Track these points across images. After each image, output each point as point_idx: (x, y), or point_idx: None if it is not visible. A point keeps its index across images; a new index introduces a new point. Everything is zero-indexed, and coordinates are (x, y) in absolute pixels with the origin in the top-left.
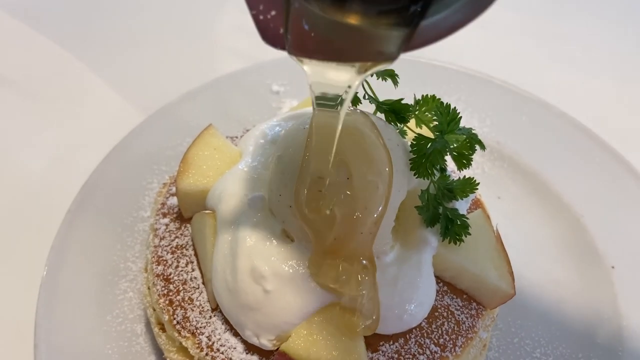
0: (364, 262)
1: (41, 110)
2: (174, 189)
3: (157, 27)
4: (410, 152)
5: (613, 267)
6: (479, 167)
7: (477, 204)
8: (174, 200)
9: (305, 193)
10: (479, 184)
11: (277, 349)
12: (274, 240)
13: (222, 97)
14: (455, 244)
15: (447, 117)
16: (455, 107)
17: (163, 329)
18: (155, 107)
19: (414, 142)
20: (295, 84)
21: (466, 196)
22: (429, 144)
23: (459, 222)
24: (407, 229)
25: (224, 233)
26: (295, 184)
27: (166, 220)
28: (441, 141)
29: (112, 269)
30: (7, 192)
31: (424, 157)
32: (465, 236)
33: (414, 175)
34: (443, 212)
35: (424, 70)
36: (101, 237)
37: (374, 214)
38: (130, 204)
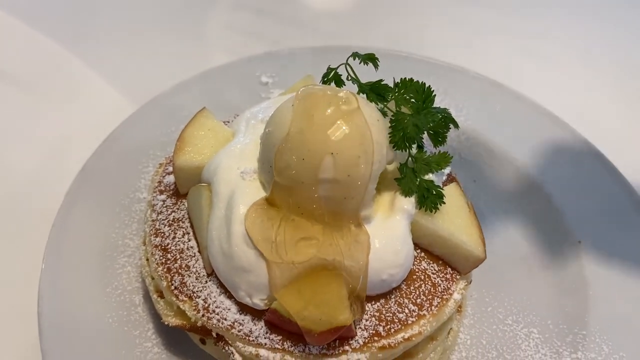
0: (353, 227)
1: (35, 103)
2: (170, 168)
3: (149, 22)
4: (390, 127)
5: (580, 242)
6: (456, 153)
7: (452, 180)
8: (170, 178)
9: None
10: (452, 157)
11: (269, 308)
12: (265, 208)
13: (213, 87)
14: (431, 212)
15: (422, 95)
16: (430, 86)
17: (161, 296)
18: (148, 99)
19: (393, 118)
20: (283, 75)
21: (442, 169)
22: (407, 119)
23: (434, 192)
24: (387, 199)
25: (219, 203)
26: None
27: (163, 196)
28: (417, 117)
29: (111, 245)
30: (6, 179)
31: (401, 131)
32: (440, 205)
33: (393, 148)
34: (420, 183)
35: (404, 63)
36: (100, 217)
37: (358, 181)
38: (127, 186)
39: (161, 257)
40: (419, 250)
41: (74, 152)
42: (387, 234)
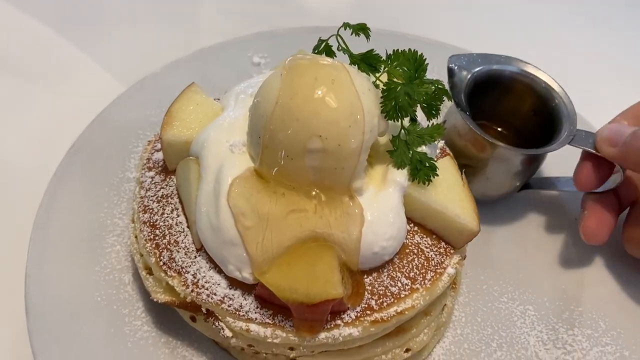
0: (345, 199)
1: (24, 85)
2: (158, 145)
3: (140, 4)
4: (381, 97)
5: (576, 219)
6: None
7: (445, 154)
8: (159, 155)
9: None
10: (446, 129)
11: (259, 282)
12: (253, 181)
13: (204, 67)
14: (424, 184)
15: (414, 64)
16: (422, 54)
17: (150, 273)
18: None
19: (385, 88)
20: (275, 55)
21: (434, 141)
22: (398, 88)
23: (427, 165)
24: (379, 172)
25: (208, 176)
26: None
27: (151, 173)
28: (409, 85)
29: (99, 224)
30: None
31: (393, 100)
32: (433, 177)
33: (385, 117)
34: (413, 155)
35: (398, 40)
36: (88, 196)
37: (349, 151)
38: (116, 166)
39: (149, 234)
40: (411, 224)
41: (63, 133)
42: (379, 206)
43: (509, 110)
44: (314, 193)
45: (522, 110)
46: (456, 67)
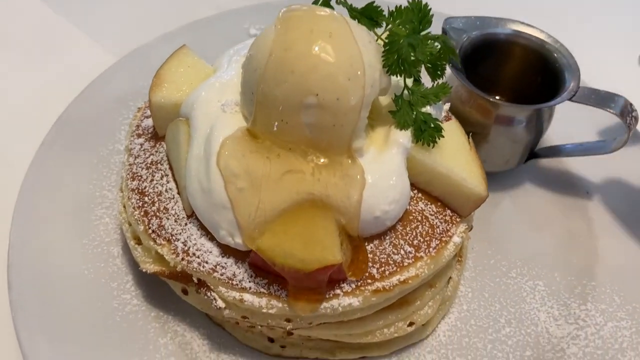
0: (344, 160)
1: (15, 57)
2: (148, 112)
3: None
4: (383, 50)
5: (587, 193)
6: None
7: (450, 118)
8: (148, 122)
9: None
10: (451, 87)
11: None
12: (246, 141)
13: (199, 39)
14: (429, 145)
15: (418, 14)
16: (426, 4)
17: (139, 242)
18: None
19: (387, 40)
20: None
21: (439, 100)
22: (401, 40)
23: (432, 125)
24: (381, 134)
25: (198, 137)
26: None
27: (141, 140)
28: (413, 36)
29: (87, 197)
30: None
31: (396, 53)
32: (439, 139)
33: (387, 72)
34: (417, 116)
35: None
36: (76, 167)
37: (348, 106)
38: (106, 137)
39: (138, 201)
40: (415, 191)
41: (51, 105)
42: (381, 168)
43: (510, 76)
44: (311, 153)
45: (524, 75)
46: (452, 30)
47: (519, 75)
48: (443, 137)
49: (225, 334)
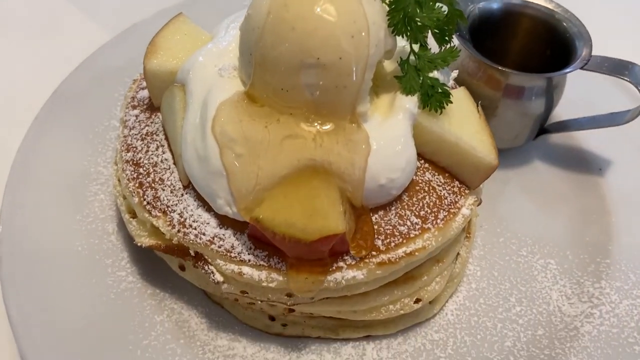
0: (348, 125)
1: (8, 33)
2: (144, 83)
3: None
4: (389, 9)
5: (600, 169)
6: None
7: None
8: (144, 93)
9: None
10: (460, 51)
11: (251, 218)
12: (244, 105)
13: (197, 15)
14: (436, 112)
15: None
16: None
17: (134, 216)
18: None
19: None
20: None
21: (447, 64)
22: None
23: (440, 90)
24: (386, 101)
25: (194, 103)
26: None
27: (136, 111)
28: None
29: (82, 172)
30: None
31: (402, 12)
32: (447, 105)
33: (392, 32)
34: (424, 80)
35: None
36: (70, 143)
37: (351, 66)
38: (102, 113)
39: (132, 172)
40: (422, 161)
41: (46, 81)
42: (386, 134)
43: (518, 50)
44: (312, 118)
45: (533, 48)
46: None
47: (527, 48)
48: (451, 102)
49: (224, 312)
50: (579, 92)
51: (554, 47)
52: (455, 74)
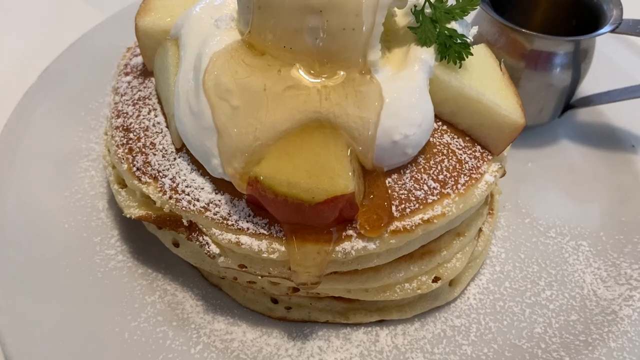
0: (357, 74)
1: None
2: (138, 50)
3: None
4: None
5: (633, 146)
6: None
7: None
8: (138, 60)
9: None
10: (479, 0)
11: (249, 180)
12: (242, 55)
13: None
14: (455, 64)
15: None
16: None
17: (124, 186)
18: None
19: None
20: None
21: (466, 14)
22: None
23: (458, 41)
24: (398, 55)
25: (188, 56)
26: None
27: (128, 78)
28: None
29: (72, 149)
30: None
31: None
32: (467, 57)
33: None
34: (440, 31)
35: None
36: (61, 119)
37: (360, 4)
38: (95, 90)
39: (122, 138)
40: (440, 123)
41: (38, 62)
42: (401, 85)
43: (541, 22)
44: (318, 67)
45: (557, 19)
46: None
47: (551, 18)
48: (471, 54)
49: (222, 295)
50: (607, 65)
51: (580, 16)
52: (474, 30)
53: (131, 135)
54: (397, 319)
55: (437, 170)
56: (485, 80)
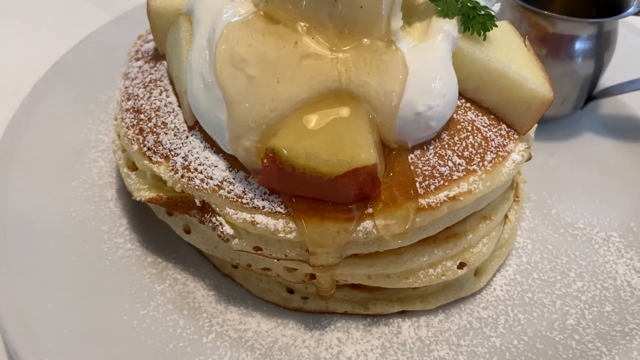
0: (380, 44)
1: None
2: (150, 37)
3: None
4: None
5: None
6: None
7: None
8: (149, 46)
9: None
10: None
11: (265, 153)
12: (257, 25)
13: None
14: (480, 35)
15: None
16: None
17: (134, 169)
18: None
19: None
20: None
21: None
22: None
23: (482, 12)
24: (419, 29)
25: (201, 28)
26: None
27: (139, 62)
28: None
29: (81, 140)
30: None
31: None
32: (491, 28)
33: None
34: (463, 3)
35: None
36: (70, 111)
37: None
38: (106, 84)
39: (132, 119)
40: (463, 100)
41: (47, 59)
42: (424, 56)
43: (563, 12)
44: (338, 37)
45: (579, 8)
46: None
47: (571, 9)
48: (496, 26)
49: (235, 285)
50: (628, 57)
51: (601, 6)
52: (497, 6)
53: (142, 116)
54: (420, 309)
55: (462, 147)
56: (510, 54)
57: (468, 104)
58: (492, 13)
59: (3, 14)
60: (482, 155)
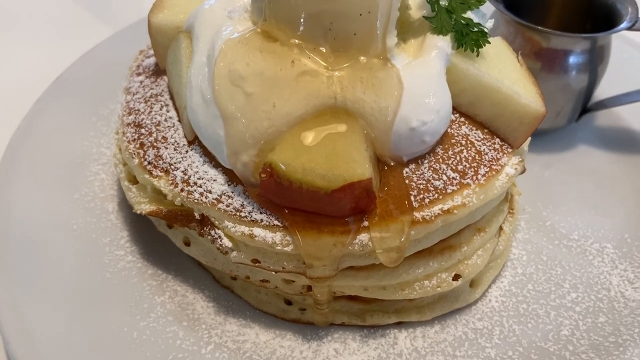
0: (375, 61)
1: (17, 34)
2: (151, 52)
3: None
4: None
5: None
6: None
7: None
8: (150, 61)
9: None
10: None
11: (263, 167)
12: (255, 42)
13: None
14: (472, 51)
15: None
16: None
17: (134, 183)
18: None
19: None
20: None
21: (482, 3)
22: None
23: (475, 29)
24: (414, 46)
25: (201, 45)
26: None
27: (141, 77)
28: None
29: (83, 153)
30: None
31: None
32: (484, 45)
33: None
34: (457, 20)
35: None
36: (73, 124)
37: None
38: (107, 98)
39: (133, 134)
40: (457, 115)
41: (50, 74)
42: (418, 72)
43: (557, 27)
44: (334, 55)
45: (570, 24)
46: None
47: (564, 23)
48: (489, 42)
49: (234, 297)
50: (621, 70)
51: (594, 19)
52: (490, 23)
53: (142, 130)
54: (416, 321)
55: (456, 161)
56: (503, 69)
57: (462, 118)
58: (485, 30)
59: (7, 28)
60: (475, 169)
